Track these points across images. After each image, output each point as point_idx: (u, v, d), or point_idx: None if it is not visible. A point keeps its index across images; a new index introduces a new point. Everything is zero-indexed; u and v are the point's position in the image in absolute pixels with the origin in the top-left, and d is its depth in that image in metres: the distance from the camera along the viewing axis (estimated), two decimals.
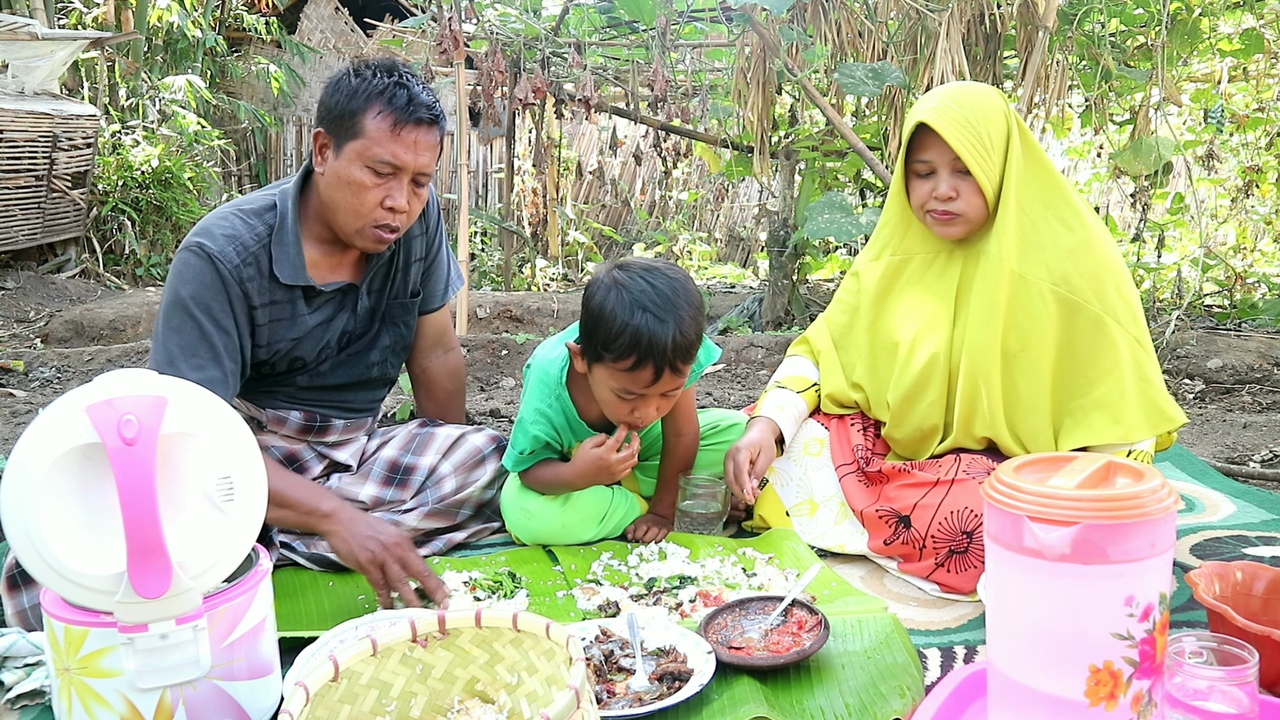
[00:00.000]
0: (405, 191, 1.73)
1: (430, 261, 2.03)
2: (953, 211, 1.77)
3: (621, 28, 5.66)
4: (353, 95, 1.69)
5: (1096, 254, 1.77)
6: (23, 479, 1.12)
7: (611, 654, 1.41)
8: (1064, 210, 1.79)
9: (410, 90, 1.70)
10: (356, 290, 1.89)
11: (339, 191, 1.72)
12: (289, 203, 1.78)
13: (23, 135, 5.96)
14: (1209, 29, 4.98)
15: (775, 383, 2.07)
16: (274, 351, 1.81)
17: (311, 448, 1.96)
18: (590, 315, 1.75)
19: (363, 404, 2.02)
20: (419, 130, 1.70)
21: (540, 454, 1.93)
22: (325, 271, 1.84)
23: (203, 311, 1.68)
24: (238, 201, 1.81)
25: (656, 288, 1.71)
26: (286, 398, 1.90)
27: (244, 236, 1.73)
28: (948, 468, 1.81)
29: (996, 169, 1.76)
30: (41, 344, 4.90)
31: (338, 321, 1.88)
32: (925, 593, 1.76)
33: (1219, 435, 3.06)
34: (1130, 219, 7.43)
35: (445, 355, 2.19)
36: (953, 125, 1.72)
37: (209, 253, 1.69)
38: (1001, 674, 1.08)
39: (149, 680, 1.15)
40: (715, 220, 9.96)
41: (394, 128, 1.68)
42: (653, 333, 1.67)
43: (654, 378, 1.71)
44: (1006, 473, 1.08)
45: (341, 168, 1.71)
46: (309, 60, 9.90)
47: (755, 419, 1.99)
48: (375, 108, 1.68)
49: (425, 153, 1.72)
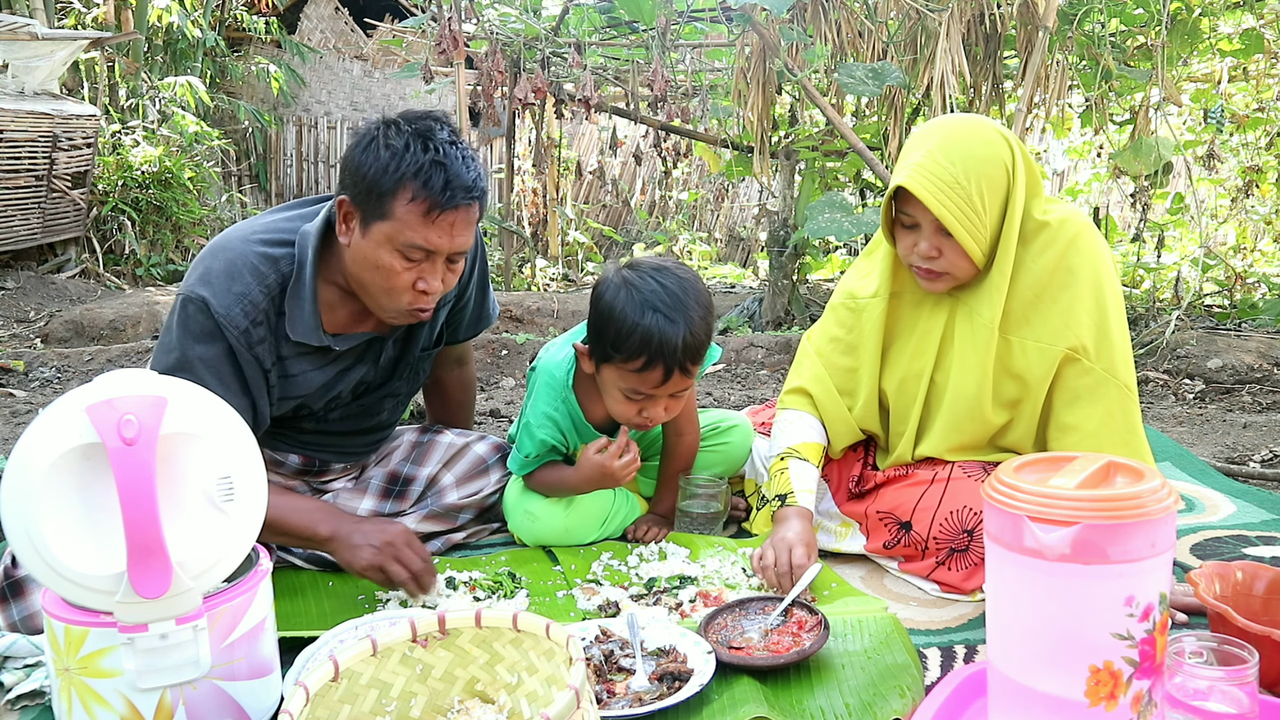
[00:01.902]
0: (439, 273, 1.58)
1: (461, 306, 1.91)
2: (936, 270, 1.69)
3: (621, 28, 5.66)
4: (383, 172, 1.50)
5: (1096, 295, 1.68)
6: (23, 479, 1.12)
7: (611, 654, 1.41)
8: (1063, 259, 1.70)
9: (449, 170, 1.51)
10: (383, 342, 1.76)
11: (367, 273, 1.57)
12: (309, 254, 1.60)
13: (23, 135, 5.96)
14: (1209, 29, 4.98)
15: (792, 450, 1.85)
16: (281, 406, 1.71)
17: (307, 484, 1.92)
18: (599, 315, 1.73)
19: (363, 447, 1.94)
20: (457, 214, 1.53)
21: (545, 457, 1.93)
22: (346, 322, 1.70)
23: (211, 375, 1.56)
24: (253, 229, 1.65)
25: (667, 288, 1.69)
26: (287, 441, 1.82)
27: (254, 291, 1.58)
28: (944, 466, 1.80)
29: (988, 229, 1.64)
30: (41, 344, 4.90)
31: (354, 373, 1.76)
32: (925, 592, 1.76)
33: (1219, 435, 3.06)
34: (1130, 219, 7.42)
35: (460, 369, 2.15)
36: (936, 187, 1.59)
37: (215, 315, 1.54)
38: (1001, 674, 1.08)
39: (149, 680, 1.15)
40: (715, 220, 9.96)
41: (429, 213, 1.51)
42: (663, 333, 1.66)
43: (664, 378, 1.70)
44: (1006, 473, 1.08)
45: (369, 249, 1.55)
46: (309, 60, 9.91)
47: (790, 507, 1.78)
48: (409, 192, 1.50)
49: (462, 233, 1.56)
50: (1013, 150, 1.66)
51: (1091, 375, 1.68)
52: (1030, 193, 1.70)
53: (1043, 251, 1.70)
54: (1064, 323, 1.68)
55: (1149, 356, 4.04)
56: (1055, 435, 1.73)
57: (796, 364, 1.98)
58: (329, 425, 1.83)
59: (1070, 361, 1.69)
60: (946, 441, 1.80)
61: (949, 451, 1.81)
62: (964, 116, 1.71)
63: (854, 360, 1.89)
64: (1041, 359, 1.69)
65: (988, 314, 1.71)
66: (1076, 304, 1.68)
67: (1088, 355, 1.68)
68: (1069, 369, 1.69)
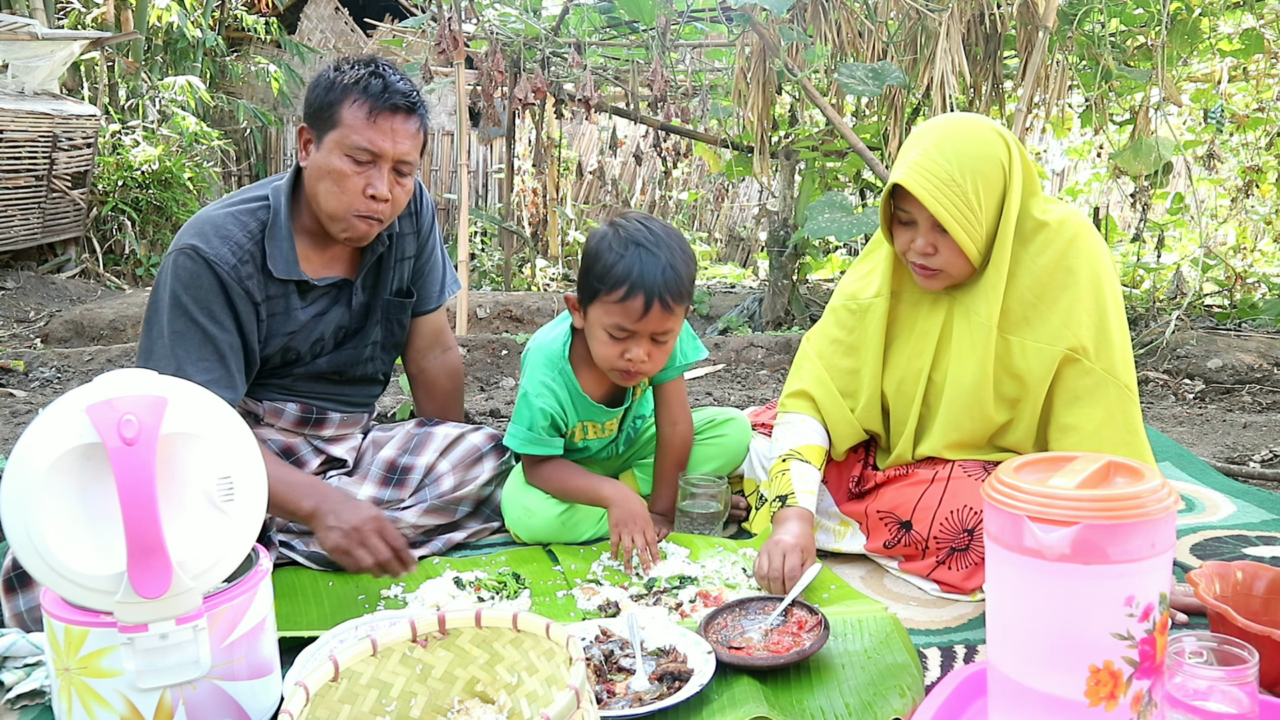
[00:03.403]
0: (386, 179, 1.73)
1: (424, 261, 2.04)
2: (931, 268, 1.70)
3: (621, 28, 5.66)
4: (330, 88, 1.72)
5: (1095, 295, 1.68)
6: (23, 479, 1.12)
7: (611, 654, 1.41)
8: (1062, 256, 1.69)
9: (386, 79, 1.71)
10: (351, 285, 1.90)
11: (321, 182, 1.74)
12: (282, 198, 1.78)
13: (23, 135, 5.96)
14: (1209, 29, 4.98)
15: (794, 452, 1.85)
16: (270, 345, 1.82)
17: (308, 441, 1.97)
18: (587, 258, 1.83)
19: (359, 399, 2.03)
20: (395, 118, 1.71)
21: (547, 434, 1.94)
22: (318, 266, 1.85)
23: (204, 315, 1.69)
24: (228, 198, 1.81)
25: (650, 229, 1.81)
26: (282, 390, 1.91)
27: (237, 235, 1.73)
28: (944, 466, 1.80)
29: (983, 227, 1.65)
30: (41, 344, 4.90)
31: (331, 315, 1.89)
32: (925, 592, 1.76)
33: (1219, 435, 3.06)
34: (1130, 219, 7.43)
35: (443, 355, 2.19)
36: (932, 184, 1.60)
37: (205, 256, 1.69)
38: (1001, 674, 1.08)
39: (149, 680, 1.15)
40: (715, 220, 9.96)
41: (370, 115, 1.69)
42: (644, 264, 1.75)
43: (644, 309, 1.75)
44: (1006, 473, 1.08)
45: (323, 158, 1.72)
46: (309, 60, 9.90)
47: (791, 509, 1.78)
48: (351, 97, 1.70)
49: (404, 140, 1.73)
50: (1010, 149, 1.66)
51: (1091, 375, 1.68)
52: (1028, 192, 1.70)
53: (1042, 251, 1.70)
54: (1064, 323, 1.68)
55: (1149, 356, 4.04)
56: (1055, 435, 1.73)
57: (796, 366, 1.98)
58: (318, 369, 1.92)
59: (1070, 362, 1.69)
60: (946, 439, 1.80)
61: (949, 450, 1.80)
62: (962, 115, 1.72)
63: (855, 361, 1.89)
64: (1041, 359, 1.70)
65: (985, 312, 1.71)
66: (1076, 304, 1.68)
67: (1088, 356, 1.68)
68: (1069, 369, 1.69)
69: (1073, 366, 1.69)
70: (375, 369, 2.03)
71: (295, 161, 1.83)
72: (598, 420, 2.01)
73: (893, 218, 1.74)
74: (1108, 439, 1.66)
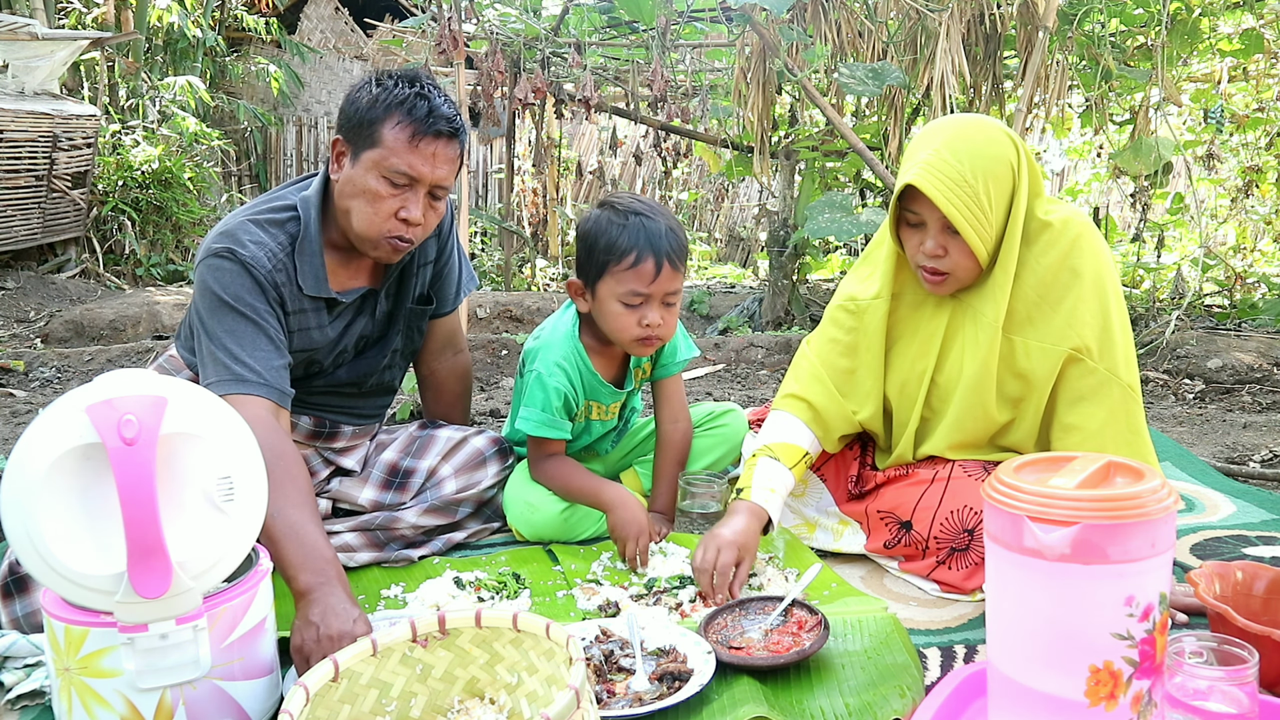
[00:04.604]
0: (421, 204, 1.70)
1: (442, 265, 2.01)
2: (942, 271, 1.69)
3: (621, 28, 5.67)
4: (372, 104, 1.66)
5: (1099, 295, 1.68)
6: (23, 479, 1.12)
7: (611, 654, 1.41)
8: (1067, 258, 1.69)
9: (431, 102, 1.66)
10: (376, 295, 1.87)
11: (354, 200, 1.69)
12: (312, 212, 1.74)
13: (23, 135, 5.96)
14: (1209, 29, 4.98)
15: (766, 447, 1.83)
16: (295, 357, 1.78)
17: (319, 453, 1.96)
18: (587, 238, 1.86)
19: (371, 410, 2.01)
20: (438, 143, 1.67)
21: (560, 415, 1.94)
22: (344, 279, 1.83)
23: (250, 310, 1.66)
24: (254, 208, 1.76)
25: (642, 200, 1.89)
26: (296, 402, 1.85)
27: (270, 244, 1.70)
28: (944, 466, 1.80)
29: (993, 229, 1.65)
30: (41, 344, 4.90)
31: (356, 326, 1.87)
32: (925, 592, 1.76)
33: (1219, 435, 3.06)
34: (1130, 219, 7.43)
35: (455, 358, 2.18)
36: (944, 185, 1.60)
37: (242, 259, 1.66)
38: (1001, 674, 1.08)
39: (149, 680, 1.15)
40: (715, 220, 9.96)
41: (412, 139, 1.65)
42: (648, 229, 1.82)
43: (656, 270, 1.81)
44: (1006, 473, 1.08)
45: (358, 176, 1.68)
46: (309, 60, 9.91)
47: (741, 502, 1.75)
48: (394, 118, 1.65)
49: (443, 165, 1.69)
50: (1018, 150, 1.67)
51: (1095, 375, 1.68)
52: (1033, 193, 1.70)
53: (1046, 252, 1.70)
54: (1067, 323, 1.68)
55: (1149, 356, 4.04)
56: (1058, 435, 1.73)
57: (792, 368, 1.97)
58: (336, 381, 1.90)
59: (1074, 362, 1.69)
60: (949, 440, 1.80)
61: (951, 450, 1.81)
62: (970, 116, 1.72)
63: (854, 362, 1.88)
64: (1045, 359, 1.70)
65: (991, 313, 1.71)
66: (1080, 304, 1.68)
67: (1091, 356, 1.68)
68: (1072, 369, 1.69)
69: (1076, 366, 1.69)
70: (392, 376, 2.01)
71: (324, 170, 1.79)
72: (604, 402, 2.03)
73: (900, 220, 1.73)
74: (1110, 439, 1.66)
